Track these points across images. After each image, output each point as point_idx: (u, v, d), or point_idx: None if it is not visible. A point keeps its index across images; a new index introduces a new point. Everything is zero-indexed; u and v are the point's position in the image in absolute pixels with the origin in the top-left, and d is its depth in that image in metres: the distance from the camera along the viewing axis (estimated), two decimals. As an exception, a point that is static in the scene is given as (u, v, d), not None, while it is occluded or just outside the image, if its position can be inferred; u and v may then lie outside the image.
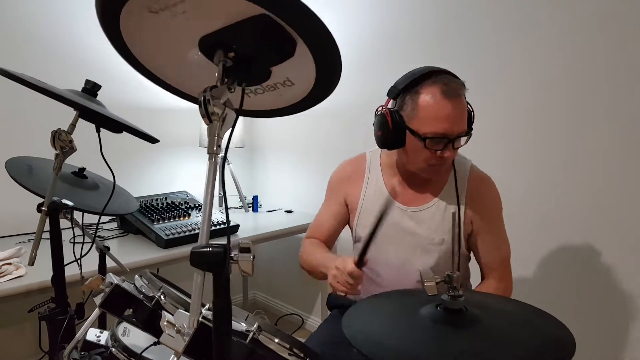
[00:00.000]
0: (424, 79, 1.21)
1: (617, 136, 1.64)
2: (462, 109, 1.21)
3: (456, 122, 1.20)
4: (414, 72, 1.24)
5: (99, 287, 0.98)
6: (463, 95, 1.22)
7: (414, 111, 1.21)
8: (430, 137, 1.20)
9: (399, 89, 1.24)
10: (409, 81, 1.22)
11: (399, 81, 1.26)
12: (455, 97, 1.19)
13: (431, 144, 1.21)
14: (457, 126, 1.20)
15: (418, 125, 1.21)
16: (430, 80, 1.20)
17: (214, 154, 0.73)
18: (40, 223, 1.25)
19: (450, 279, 0.81)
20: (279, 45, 0.71)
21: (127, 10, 0.71)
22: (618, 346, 1.70)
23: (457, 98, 1.19)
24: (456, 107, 1.19)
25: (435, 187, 1.36)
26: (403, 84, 1.24)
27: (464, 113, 1.23)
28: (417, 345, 0.75)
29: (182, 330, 0.72)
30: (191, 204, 2.31)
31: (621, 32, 1.60)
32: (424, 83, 1.20)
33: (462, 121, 1.22)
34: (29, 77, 1.11)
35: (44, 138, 1.29)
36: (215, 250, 0.68)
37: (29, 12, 2.19)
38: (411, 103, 1.22)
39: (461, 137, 1.22)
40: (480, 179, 1.37)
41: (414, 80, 1.22)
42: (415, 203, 1.36)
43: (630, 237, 1.64)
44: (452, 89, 1.19)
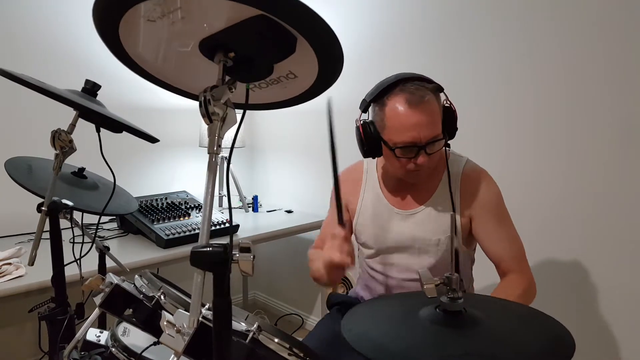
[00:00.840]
0: (391, 89, 1.22)
1: (617, 136, 1.64)
2: (429, 114, 1.20)
3: (423, 128, 1.20)
4: (382, 82, 1.26)
5: (98, 287, 0.98)
6: (431, 99, 1.21)
7: (383, 122, 1.24)
8: (400, 147, 1.22)
9: (367, 101, 1.28)
10: (377, 93, 1.25)
11: (368, 93, 1.29)
12: (420, 104, 1.19)
13: (402, 153, 1.22)
14: (425, 132, 1.20)
15: (388, 136, 1.23)
16: (397, 90, 1.21)
17: (214, 153, 0.73)
18: (40, 223, 1.25)
19: (449, 280, 0.81)
20: (279, 44, 0.71)
21: (125, 21, 0.71)
22: (617, 347, 1.70)
23: (422, 104, 1.19)
24: (423, 114, 1.19)
25: (429, 188, 1.36)
26: (371, 96, 1.26)
27: (433, 118, 1.21)
28: (417, 347, 0.75)
29: (182, 330, 0.72)
30: (191, 204, 2.31)
31: (622, 32, 1.60)
32: (390, 93, 1.22)
33: (431, 127, 1.21)
34: (29, 77, 1.11)
35: (44, 138, 1.29)
36: (216, 250, 0.68)
37: (29, 12, 2.19)
38: (380, 114, 1.24)
39: (433, 142, 1.22)
40: (474, 172, 1.35)
41: (381, 91, 1.24)
42: (410, 206, 1.37)
43: (631, 238, 1.63)
44: (416, 97, 1.19)
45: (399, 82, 1.22)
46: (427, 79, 1.24)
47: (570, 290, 1.79)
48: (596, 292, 1.73)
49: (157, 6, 0.66)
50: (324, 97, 2.92)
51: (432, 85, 1.23)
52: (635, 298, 1.65)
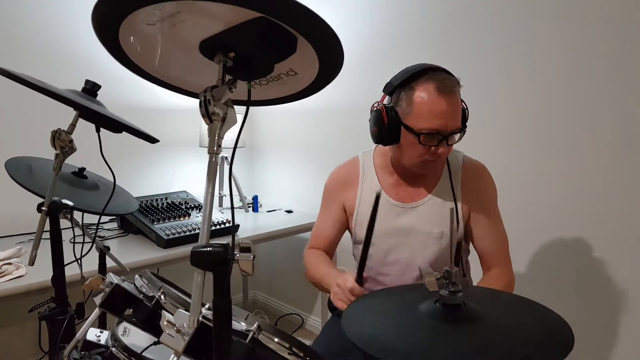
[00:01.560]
0: (419, 76, 1.22)
1: (617, 136, 1.64)
2: (456, 106, 1.22)
3: (450, 118, 1.21)
4: (409, 68, 1.25)
5: (99, 286, 0.98)
6: (457, 92, 1.23)
7: (409, 107, 1.22)
8: (424, 133, 1.21)
9: (394, 85, 1.26)
10: (405, 77, 1.23)
11: (394, 77, 1.27)
12: (449, 93, 1.20)
13: (426, 140, 1.22)
14: (451, 122, 1.21)
15: (413, 121, 1.22)
16: (426, 77, 1.21)
17: (214, 153, 0.73)
18: (41, 223, 1.25)
19: (449, 274, 0.81)
20: (280, 45, 0.71)
21: (124, 25, 0.71)
22: (616, 342, 1.70)
23: (452, 94, 1.20)
24: (450, 104, 1.20)
25: (430, 181, 1.37)
26: (398, 80, 1.25)
27: (458, 109, 1.24)
28: (417, 341, 0.75)
29: (182, 329, 0.72)
30: (191, 204, 2.31)
31: (622, 33, 1.60)
32: (419, 79, 1.22)
33: (456, 117, 1.23)
34: (29, 77, 1.11)
35: (44, 138, 1.29)
36: (216, 250, 0.68)
37: (29, 12, 2.19)
38: (406, 99, 1.23)
39: (455, 133, 1.23)
40: (474, 167, 1.38)
41: (409, 76, 1.23)
42: (411, 199, 1.37)
43: (630, 236, 1.64)
44: (446, 86, 1.20)
45: (427, 69, 1.23)
46: (450, 72, 1.25)
47: (570, 289, 1.79)
48: (596, 291, 1.73)
49: (156, 10, 0.66)
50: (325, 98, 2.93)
51: (455, 78, 1.24)
52: (635, 296, 1.65)
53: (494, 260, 1.36)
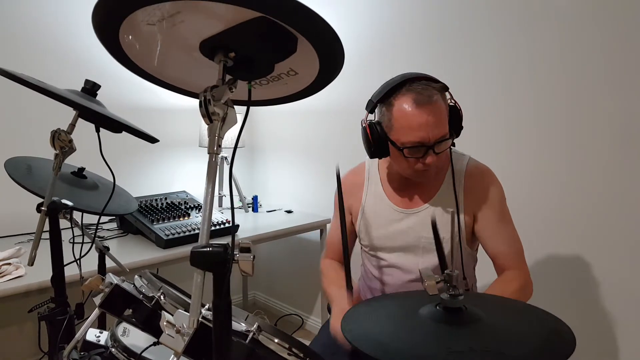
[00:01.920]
0: (397, 89, 1.22)
1: (618, 137, 1.64)
2: (437, 114, 1.20)
3: (432, 128, 1.19)
4: (388, 82, 1.25)
5: (98, 287, 0.98)
6: (439, 99, 1.21)
7: (390, 122, 1.23)
8: (408, 147, 1.21)
9: (374, 101, 1.26)
10: (383, 93, 1.24)
11: (374, 94, 1.28)
12: (427, 104, 1.18)
13: (410, 153, 1.22)
14: (433, 132, 1.20)
15: (396, 136, 1.23)
16: (403, 90, 1.21)
17: (214, 154, 0.73)
18: (40, 223, 1.25)
19: (449, 278, 0.81)
20: (280, 45, 0.71)
21: (125, 25, 0.71)
22: (617, 345, 1.70)
23: (430, 105, 1.19)
24: (430, 114, 1.19)
25: (433, 186, 1.36)
26: (377, 96, 1.25)
27: (441, 117, 1.21)
28: (418, 344, 0.75)
29: (181, 330, 0.71)
30: (191, 204, 2.31)
31: (622, 33, 1.60)
32: (397, 94, 1.21)
33: (439, 126, 1.21)
34: (29, 77, 1.11)
35: (44, 138, 1.28)
36: (216, 250, 0.68)
37: (29, 12, 2.19)
38: (387, 114, 1.24)
39: (441, 141, 1.22)
40: (478, 170, 1.36)
41: (388, 91, 1.23)
42: (414, 205, 1.37)
43: (631, 237, 1.64)
44: (424, 97, 1.19)
45: (406, 82, 1.22)
46: (433, 78, 1.24)
47: (571, 289, 1.79)
48: (597, 291, 1.73)
49: (156, 10, 0.66)
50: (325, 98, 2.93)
51: (438, 84, 1.23)
52: (635, 297, 1.65)
53: (506, 263, 1.30)
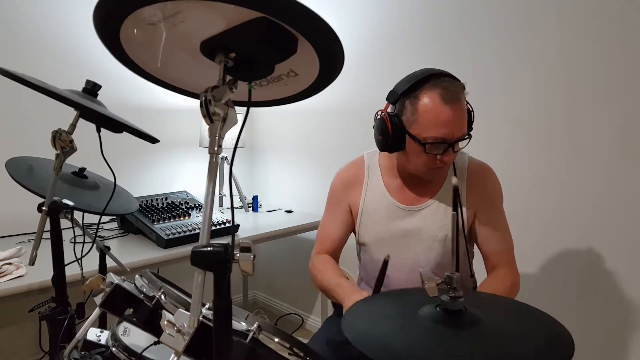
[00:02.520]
0: (423, 83, 1.20)
1: (619, 138, 1.64)
2: (461, 113, 1.21)
3: (456, 126, 1.19)
4: (413, 75, 1.23)
5: (99, 286, 0.98)
6: (463, 99, 1.21)
7: (414, 116, 1.21)
8: (430, 142, 1.20)
9: (398, 93, 1.24)
10: (408, 85, 1.21)
11: (398, 85, 1.25)
12: (455, 101, 1.18)
13: (431, 149, 1.21)
14: (457, 130, 1.20)
15: (418, 130, 1.21)
16: (430, 85, 1.19)
17: (214, 154, 0.73)
18: (41, 223, 1.25)
19: (450, 279, 0.81)
20: (281, 45, 0.71)
21: (126, 25, 0.71)
22: (618, 347, 1.70)
23: (457, 102, 1.18)
24: (456, 112, 1.18)
25: (436, 184, 1.36)
26: (402, 88, 1.23)
27: (464, 116, 1.22)
28: (418, 345, 0.75)
29: (182, 329, 0.72)
30: (191, 204, 2.31)
31: (622, 34, 1.60)
32: (424, 87, 1.20)
33: (461, 125, 1.21)
34: (29, 77, 1.11)
35: (44, 138, 1.29)
36: (216, 250, 0.68)
37: (29, 12, 2.20)
38: (411, 108, 1.21)
39: (461, 140, 1.22)
40: (479, 168, 1.37)
41: (413, 84, 1.21)
42: (416, 202, 1.36)
43: (631, 238, 1.64)
44: (451, 93, 1.18)
45: (431, 76, 1.21)
46: (454, 76, 1.24)
47: (571, 289, 1.79)
48: (597, 292, 1.73)
49: (157, 10, 0.66)
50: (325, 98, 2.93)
51: (460, 83, 1.23)
52: (636, 297, 1.65)
53: (497, 261, 1.34)
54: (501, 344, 0.75)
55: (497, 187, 1.37)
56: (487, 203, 1.35)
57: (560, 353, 0.72)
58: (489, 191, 1.36)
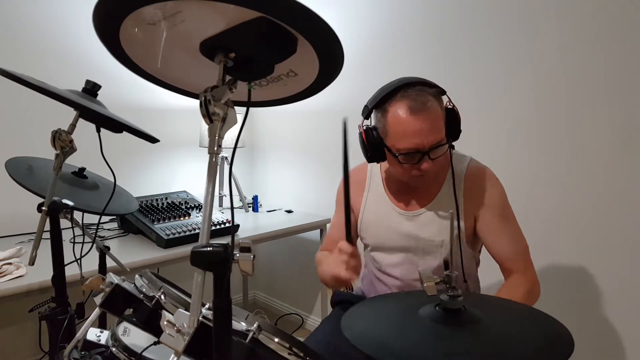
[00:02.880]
0: (392, 96, 1.22)
1: (619, 138, 1.64)
2: (432, 120, 1.20)
3: (426, 135, 1.19)
4: (383, 88, 1.26)
5: (99, 286, 0.98)
6: (434, 105, 1.21)
7: (385, 128, 1.24)
8: (403, 153, 1.22)
9: (370, 108, 1.27)
10: (378, 100, 1.24)
11: (369, 100, 1.28)
12: (422, 111, 1.18)
13: (405, 159, 1.22)
14: (428, 139, 1.20)
15: (391, 142, 1.23)
16: (397, 97, 1.21)
17: (214, 154, 0.73)
18: (41, 223, 1.25)
19: (449, 279, 0.81)
20: (281, 45, 0.71)
21: (125, 25, 0.71)
22: (618, 347, 1.70)
23: (424, 111, 1.19)
24: (425, 121, 1.19)
25: (434, 189, 1.36)
26: (372, 103, 1.26)
27: (436, 123, 1.21)
28: (417, 344, 0.75)
29: (182, 329, 0.72)
30: (191, 204, 2.31)
31: (623, 34, 1.60)
32: (391, 100, 1.22)
33: (433, 132, 1.20)
34: (29, 78, 1.11)
35: (44, 138, 1.29)
36: (216, 250, 0.68)
37: (29, 12, 2.20)
38: (382, 120, 1.24)
39: (436, 147, 1.21)
40: (478, 171, 1.35)
41: (382, 98, 1.23)
42: (414, 207, 1.37)
43: (631, 238, 1.64)
44: (418, 104, 1.19)
45: (401, 87, 1.22)
46: (429, 82, 1.24)
47: (571, 290, 1.79)
48: (597, 292, 1.73)
49: (157, 10, 0.66)
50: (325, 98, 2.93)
51: (433, 89, 1.23)
52: (636, 298, 1.65)
53: (512, 265, 1.29)
54: (500, 342, 0.75)
55: (497, 190, 1.34)
56: (487, 208, 1.31)
57: (559, 352, 0.72)
58: (487, 195, 1.32)
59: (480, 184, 1.33)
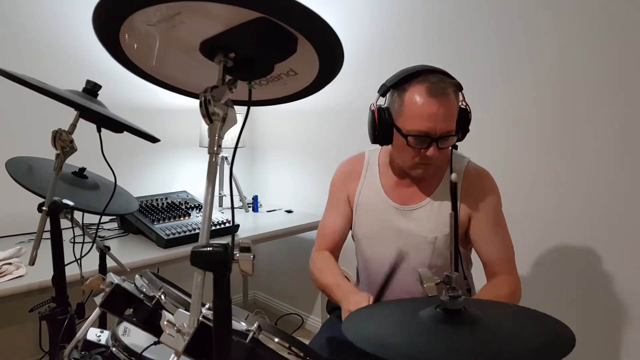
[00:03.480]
0: (413, 77, 1.21)
1: (619, 138, 1.64)
2: (448, 108, 1.20)
3: (440, 120, 1.19)
4: (405, 70, 1.25)
5: (99, 286, 0.98)
6: (451, 94, 1.20)
7: (400, 108, 1.22)
8: (413, 135, 1.20)
9: (388, 86, 1.26)
10: (399, 79, 1.23)
11: (389, 78, 1.27)
12: (440, 95, 1.18)
13: (414, 142, 1.21)
14: (440, 125, 1.19)
15: (403, 123, 1.22)
16: (419, 79, 1.20)
17: (214, 154, 0.73)
18: (41, 223, 1.25)
19: (449, 279, 0.81)
20: (281, 45, 0.71)
21: (125, 27, 0.71)
22: (617, 346, 1.70)
23: (443, 96, 1.18)
24: (441, 106, 1.18)
25: (431, 185, 1.36)
26: (392, 81, 1.25)
27: (451, 112, 1.21)
28: (419, 345, 0.75)
29: (182, 329, 0.72)
30: (191, 204, 2.31)
31: (622, 33, 1.60)
32: (412, 81, 1.21)
33: (447, 120, 1.20)
34: (29, 78, 1.11)
35: (45, 138, 1.29)
36: (216, 250, 0.68)
37: (29, 12, 2.20)
38: (398, 100, 1.23)
39: (446, 136, 1.21)
40: (477, 173, 1.35)
41: (403, 78, 1.22)
42: (409, 202, 1.36)
43: (632, 238, 1.64)
44: (438, 87, 1.18)
45: (423, 72, 1.21)
46: (449, 74, 1.24)
47: (571, 289, 1.79)
48: (597, 292, 1.73)
49: (157, 11, 0.66)
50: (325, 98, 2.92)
51: (454, 81, 1.23)
52: (636, 297, 1.65)
53: (497, 268, 1.31)
54: (501, 342, 0.75)
55: (494, 195, 1.34)
56: (482, 210, 1.32)
57: (560, 351, 0.72)
58: (484, 198, 1.33)
59: (478, 185, 1.34)
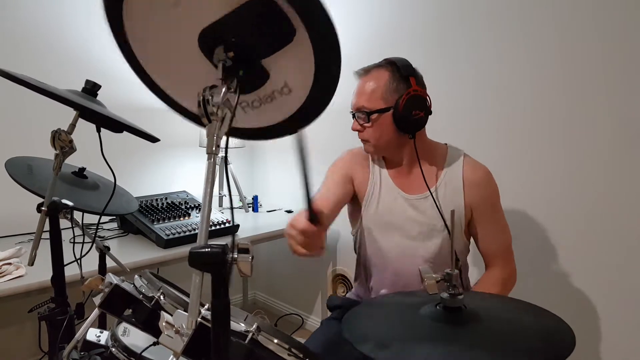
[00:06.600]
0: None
1: (617, 136, 1.64)
2: (367, 85, 1.31)
3: (358, 96, 1.34)
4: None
5: (98, 287, 0.98)
6: (375, 74, 1.31)
7: None
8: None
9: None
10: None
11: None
12: (362, 75, 1.34)
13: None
14: (357, 100, 1.33)
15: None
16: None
17: (213, 154, 0.73)
18: (40, 223, 1.25)
19: (449, 277, 0.81)
20: (277, 28, 0.70)
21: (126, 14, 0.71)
22: (617, 346, 1.70)
23: (365, 74, 1.32)
24: (362, 82, 1.32)
25: (434, 175, 1.38)
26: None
27: (370, 90, 1.30)
28: (418, 344, 0.75)
29: (181, 330, 0.71)
30: (191, 204, 2.31)
31: (622, 33, 1.59)
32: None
33: (363, 96, 1.31)
34: (28, 78, 1.11)
35: (44, 138, 1.29)
36: (214, 251, 0.68)
37: (29, 12, 2.19)
38: None
39: (361, 112, 1.32)
40: (477, 166, 1.39)
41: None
42: (416, 190, 1.38)
43: (631, 236, 1.63)
44: (365, 68, 1.33)
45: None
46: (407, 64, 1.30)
47: (570, 287, 1.79)
48: (597, 290, 1.73)
49: None
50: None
51: (398, 67, 1.28)
52: (635, 295, 1.64)
53: (495, 257, 1.38)
54: (501, 339, 0.75)
55: (494, 187, 1.39)
56: (485, 202, 1.36)
57: (560, 348, 0.72)
58: (487, 190, 1.37)
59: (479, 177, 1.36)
